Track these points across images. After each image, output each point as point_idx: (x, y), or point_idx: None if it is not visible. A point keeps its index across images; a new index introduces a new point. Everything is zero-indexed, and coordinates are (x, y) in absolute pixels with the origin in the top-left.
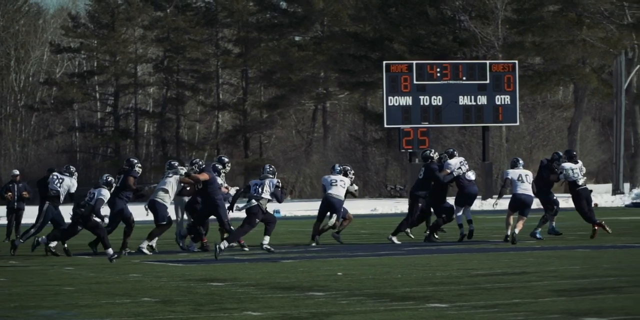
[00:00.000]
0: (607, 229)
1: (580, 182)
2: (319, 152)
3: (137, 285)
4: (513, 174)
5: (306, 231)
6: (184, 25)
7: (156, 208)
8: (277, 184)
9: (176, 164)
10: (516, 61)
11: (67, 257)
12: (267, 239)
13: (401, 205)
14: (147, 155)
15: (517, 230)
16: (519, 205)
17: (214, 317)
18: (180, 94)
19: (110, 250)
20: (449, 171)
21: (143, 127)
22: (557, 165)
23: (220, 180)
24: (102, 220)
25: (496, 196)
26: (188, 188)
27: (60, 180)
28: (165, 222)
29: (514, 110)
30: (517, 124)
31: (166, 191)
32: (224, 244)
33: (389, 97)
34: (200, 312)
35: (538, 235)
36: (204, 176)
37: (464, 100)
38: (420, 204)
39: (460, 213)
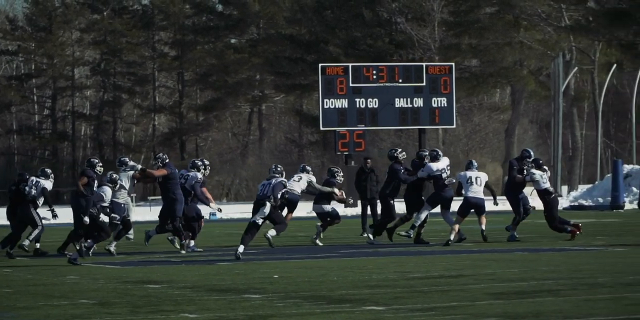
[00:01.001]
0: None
1: (551, 189)
2: (254, 155)
3: (74, 287)
4: (463, 176)
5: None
6: (121, 28)
7: (112, 207)
8: (283, 182)
9: (126, 159)
10: (453, 63)
11: (8, 259)
12: (273, 232)
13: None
14: (84, 157)
15: (483, 226)
16: (470, 208)
17: (151, 319)
18: (117, 96)
19: (76, 253)
20: (425, 173)
21: (80, 129)
22: (528, 164)
23: (199, 175)
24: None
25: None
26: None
27: (36, 184)
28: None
29: (450, 112)
30: (454, 126)
31: (123, 188)
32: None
33: (325, 100)
34: (137, 314)
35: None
36: (161, 172)
37: (400, 102)
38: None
39: (423, 213)
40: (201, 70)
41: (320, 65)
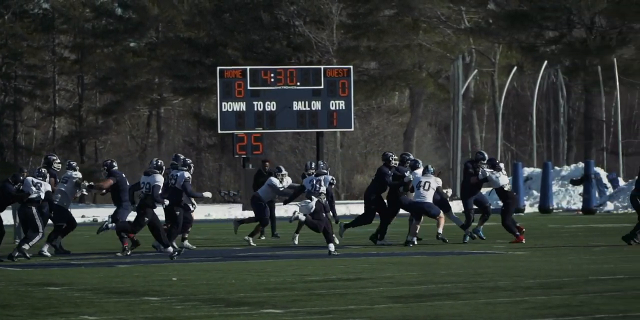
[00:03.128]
0: (522, 238)
1: (507, 187)
2: (153, 158)
3: None
4: (416, 179)
5: (144, 237)
6: (22, 31)
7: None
8: (332, 181)
9: (74, 164)
10: (351, 66)
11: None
12: (332, 246)
13: (235, 211)
14: None
15: (440, 230)
16: (417, 211)
17: None
18: (18, 100)
19: (170, 249)
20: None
21: None
22: (482, 165)
23: (187, 174)
24: (163, 204)
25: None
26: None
27: (39, 185)
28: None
29: (348, 115)
30: (352, 129)
31: (66, 194)
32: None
33: (223, 103)
34: (37, 316)
35: (480, 234)
36: (108, 182)
37: (298, 105)
38: (373, 206)
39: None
40: (100, 74)
41: (218, 68)
